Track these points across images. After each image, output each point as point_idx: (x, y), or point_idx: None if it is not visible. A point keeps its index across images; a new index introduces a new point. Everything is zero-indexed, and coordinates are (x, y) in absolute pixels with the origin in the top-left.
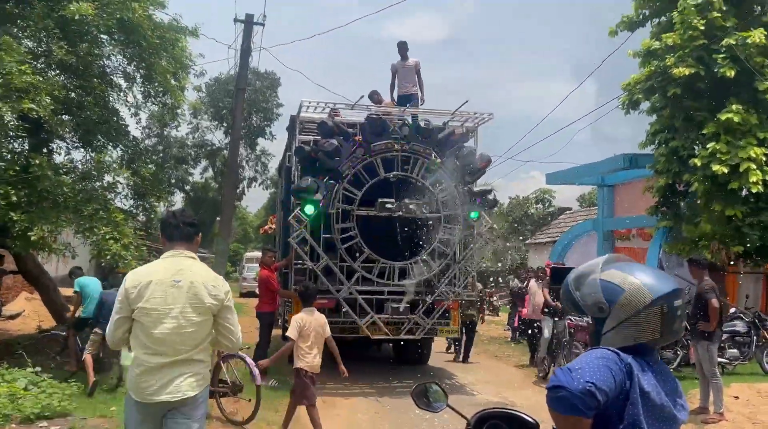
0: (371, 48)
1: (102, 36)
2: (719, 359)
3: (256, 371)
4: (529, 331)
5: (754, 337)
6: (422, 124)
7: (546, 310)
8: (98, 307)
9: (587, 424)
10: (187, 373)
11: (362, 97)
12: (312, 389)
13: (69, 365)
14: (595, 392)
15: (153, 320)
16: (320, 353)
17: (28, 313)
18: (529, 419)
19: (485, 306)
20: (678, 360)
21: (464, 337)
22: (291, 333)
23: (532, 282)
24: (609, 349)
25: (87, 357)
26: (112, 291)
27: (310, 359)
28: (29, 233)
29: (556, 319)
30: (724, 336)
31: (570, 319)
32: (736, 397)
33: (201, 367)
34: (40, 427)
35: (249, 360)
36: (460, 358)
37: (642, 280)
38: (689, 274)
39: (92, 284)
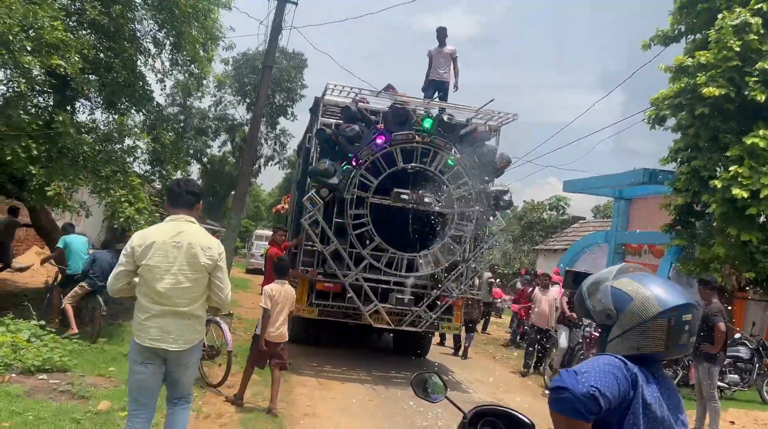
0: (401, 38)
1: (136, 0)
2: (719, 383)
3: (229, 337)
4: (530, 337)
5: (757, 365)
6: (445, 118)
7: (564, 319)
8: (89, 264)
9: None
10: (184, 326)
11: (389, 86)
12: (268, 355)
13: (53, 322)
14: (598, 397)
15: (155, 276)
16: (285, 324)
17: (37, 267)
18: (526, 420)
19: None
20: (677, 379)
21: (464, 334)
22: (264, 303)
23: (536, 291)
24: (617, 357)
25: (67, 306)
26: (103, 251)
27: (273, 329)
28: (46, 188)
29: (574, 328)
30: (727, 360)
31: (591, 331)
32: (732, 422)
33: (197, 322)
34: (40, 379)
35: (224, 326)
36: (459, 353)
37: (653, 291)
38: (698, 296)
39: (77, 242)
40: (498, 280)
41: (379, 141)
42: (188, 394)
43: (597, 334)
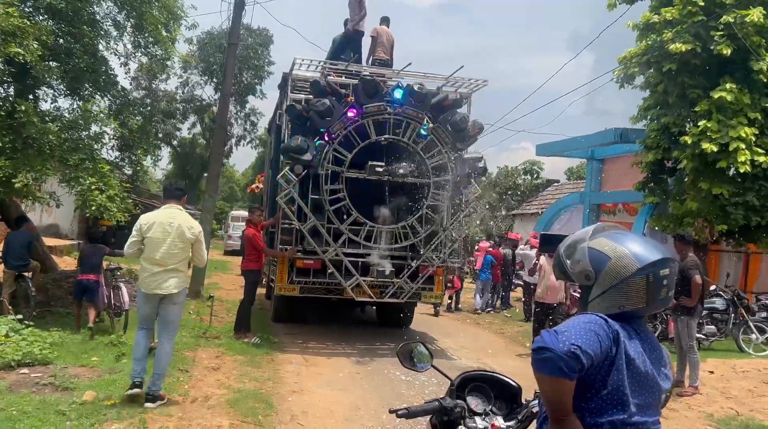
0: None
1: None
2: (697, 334)
3: (126, 299)
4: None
5: (732, 315)
6: (416, 87)
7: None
8: (5, 247)
9: (570, 386)
10: (173, 277)
11: (355, 56)
12: None
13: None
14: (579, 355)
15: (154, 245)
16: None
17: None
18: (512, 383)
19: (467, 271)
20: (657, 333)
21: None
22: None
23: (542, 259)
24: (598, 315)
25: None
26: (17, 232)
27: None
28: (13, 180)
29: None
30: (704, 312)
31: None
32: (712, 372)
33: (182, 275)
34: (21, 374)
35: (123, 289)
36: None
37: (630, 248)
38: (673, 250)
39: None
40: (475, 246)
41: (350, 114)
42: (173, 330)
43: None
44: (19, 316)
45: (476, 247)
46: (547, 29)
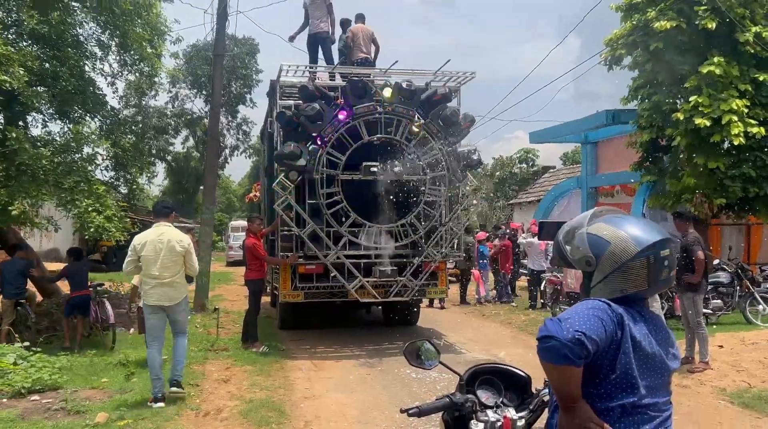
0: (351, 8)
1: (74, 3)
2: (704, 310)
3: (111, 312)
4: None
5: (737, 288)
6: (404, 85)
7: None
8: (1, 276)
9: (577, 373)
10: (172, 288)
11: (343, 58)
12: None
13: None
14: (584, 341)
15: (150, 262)
16: None
17: None
18: (521, 373)
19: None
20: (664, 312)
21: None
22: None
23: (528, 237)
24: (600, 300)
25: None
26: (10, 261)
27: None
28: (10, 208)
29: None
30: (709, 287)
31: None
32: (721, 346)
33: (180, 286)
34: (32, 400)
35: (107, 304)
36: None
37: (628, 232)
38: (674, 228)
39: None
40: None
41: (341, 116)
42: (183, 329)
43: (558, 278)
44: (26, 343)
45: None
46: (532, 16)
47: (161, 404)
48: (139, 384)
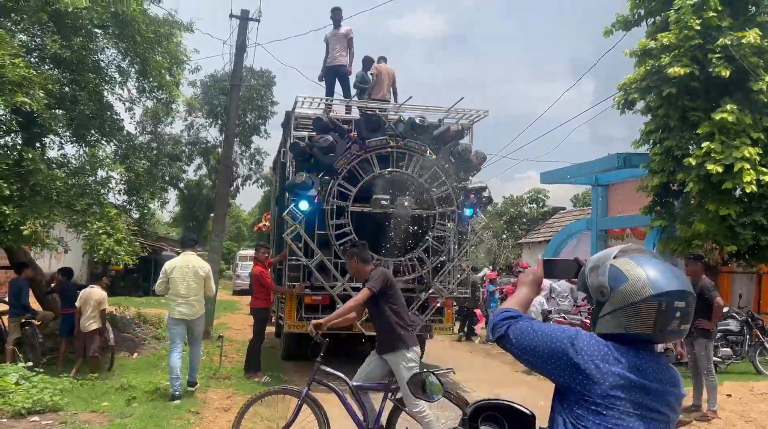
0: (369, 44)
1: (96, 30)
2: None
3: (112, 336)
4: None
5: (747, 337)
6: (417, 120)
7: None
8: (9, 294)
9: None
10: (194, 306)
11: (355, 92)
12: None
13: None
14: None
15: (177, 283)
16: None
17: None
18: (525, 411)
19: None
20: (669, 360)
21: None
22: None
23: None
24: (587, 334)
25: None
26: (15, 279)
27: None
28: (21, 227)
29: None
30: (718, 335)
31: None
32: (729, 395)
33: (200, 304)
34: (32, 421)
35: (110, 328)
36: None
37: (648, 273)
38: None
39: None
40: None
41: (353, 149)
42: (199, 338)
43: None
44: (29, 364)
45: (484, 277)
46: (547, 57)
47: (178, 402)
48: (140, 409)
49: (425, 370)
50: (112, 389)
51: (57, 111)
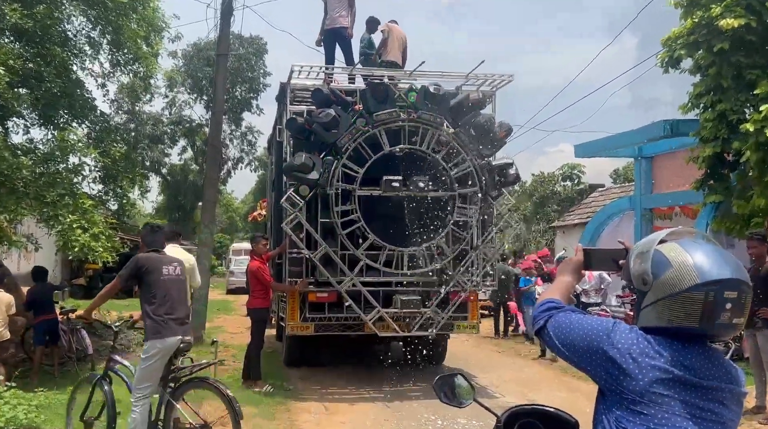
0: (369, 3)
1: None
2: None
3: (89, 342)
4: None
5: None
6: (432, 88)
7: None
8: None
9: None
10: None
11: (360, 59)
12: None
13: None
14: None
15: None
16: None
17: None
18: (568, 417)
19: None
20: (729, 354)
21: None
22: None
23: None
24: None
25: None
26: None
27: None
28: None
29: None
30: None
31: None
32: None
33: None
34: None
35: (84, 333)
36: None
37: (696, 259)
38: (745, 255)
39: None
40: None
41: (359, 124)
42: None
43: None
44: (0, 378)
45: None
46: (579, 13)
47: None
48: (123, 426)
49: (452, 372)
50: (92, 404)
51: (20, 90)
